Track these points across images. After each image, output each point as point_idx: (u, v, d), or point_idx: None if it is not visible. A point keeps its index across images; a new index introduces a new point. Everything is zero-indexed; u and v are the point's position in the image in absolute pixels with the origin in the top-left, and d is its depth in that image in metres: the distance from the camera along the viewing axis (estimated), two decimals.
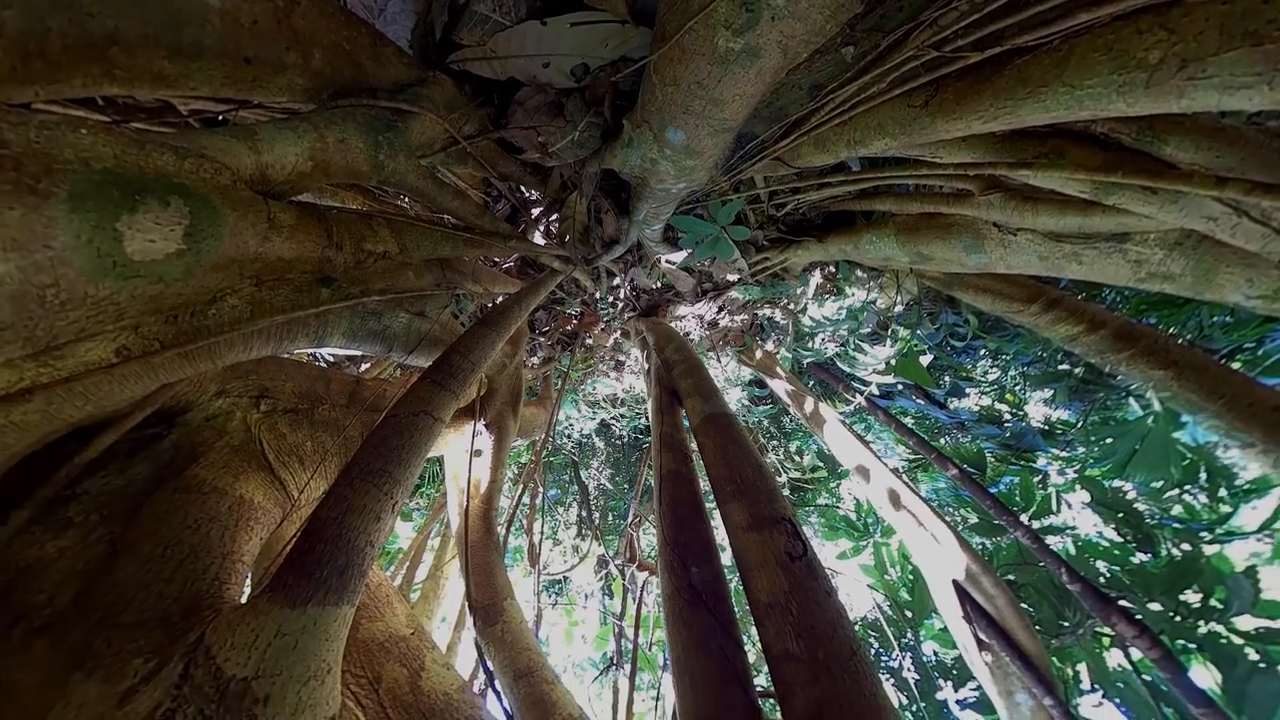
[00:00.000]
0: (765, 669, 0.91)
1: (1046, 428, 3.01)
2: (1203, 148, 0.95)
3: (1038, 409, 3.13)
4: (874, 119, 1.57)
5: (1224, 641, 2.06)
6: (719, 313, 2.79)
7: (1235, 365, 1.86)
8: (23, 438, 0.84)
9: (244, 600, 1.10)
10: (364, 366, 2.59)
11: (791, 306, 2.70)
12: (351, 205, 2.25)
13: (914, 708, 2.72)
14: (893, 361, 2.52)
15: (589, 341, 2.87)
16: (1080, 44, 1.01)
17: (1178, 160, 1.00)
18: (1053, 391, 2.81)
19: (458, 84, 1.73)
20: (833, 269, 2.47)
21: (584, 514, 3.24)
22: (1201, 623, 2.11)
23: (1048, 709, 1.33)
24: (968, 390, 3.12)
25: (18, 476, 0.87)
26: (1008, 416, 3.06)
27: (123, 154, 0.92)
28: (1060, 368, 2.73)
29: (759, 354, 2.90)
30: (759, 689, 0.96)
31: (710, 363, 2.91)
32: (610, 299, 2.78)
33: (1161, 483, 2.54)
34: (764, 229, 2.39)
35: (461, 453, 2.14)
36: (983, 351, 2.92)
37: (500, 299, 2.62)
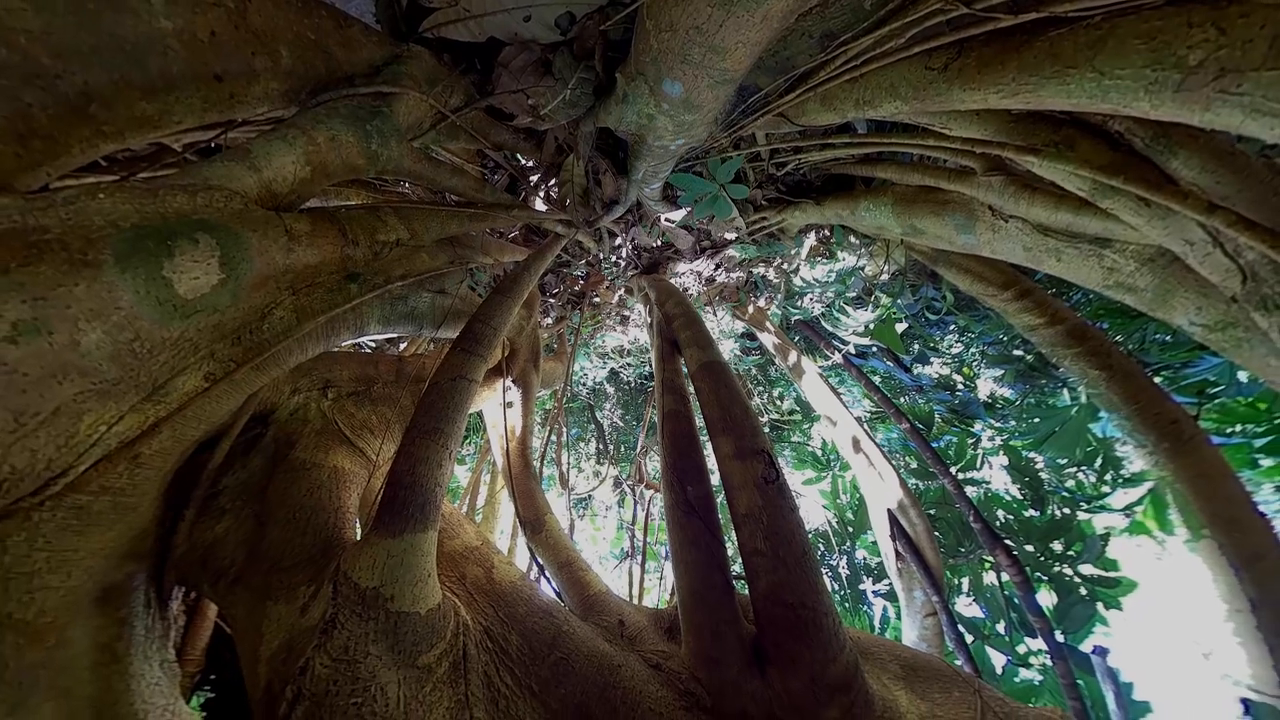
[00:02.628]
0: (739, 561, 1.13)
1: (989, 401, 3.21)
2: (1208, 169, 0.83)
3: (986, 384, 3.27)
4: (887, 78, 1.32)
5: (1067, 579, 2.60)
6: (716, 270, 2.68)
7: (1157, 379, 1.84)
8: (167, 460, 0.99)
9: (359, 538, 1.38)
10: (402, 346, 2.67)
11: (785, 266, 2.57)
12: (357, 201, 2.07)
13: (843, 593, 3.45)
14: (871, 326, 2.50)
15: (596, 300, 2.84)
16: (1123, 26, 0.81)
17: (1180, 176, 0.87)
18: (1003, 371, 2.96)
19: (435, 54, 1.45)
20: (827, 233, 2.28)
21: (601, 446, 3.67)
22: (1057, 564, 2.62)
23: (934, 603, 1.74)
24: (932, 359, 3.18)
25: (175, 487, 1.06)
26: (960, 386, 3.22)
27: (142, 207, 0.89)
28: (1015, 352, 2.77)
29: (752, 310, 2.87)
30: (735, 574, 1.24)
31: (707, 316, 2.90)
32: (613, 259, 2.67)
33: (1066, 460, 2.88)
34: (763, 188, 2.16)
35: (496, 405, 2.34)
36: (952, 327, 2.87)
37: (510, 268, 2.54)
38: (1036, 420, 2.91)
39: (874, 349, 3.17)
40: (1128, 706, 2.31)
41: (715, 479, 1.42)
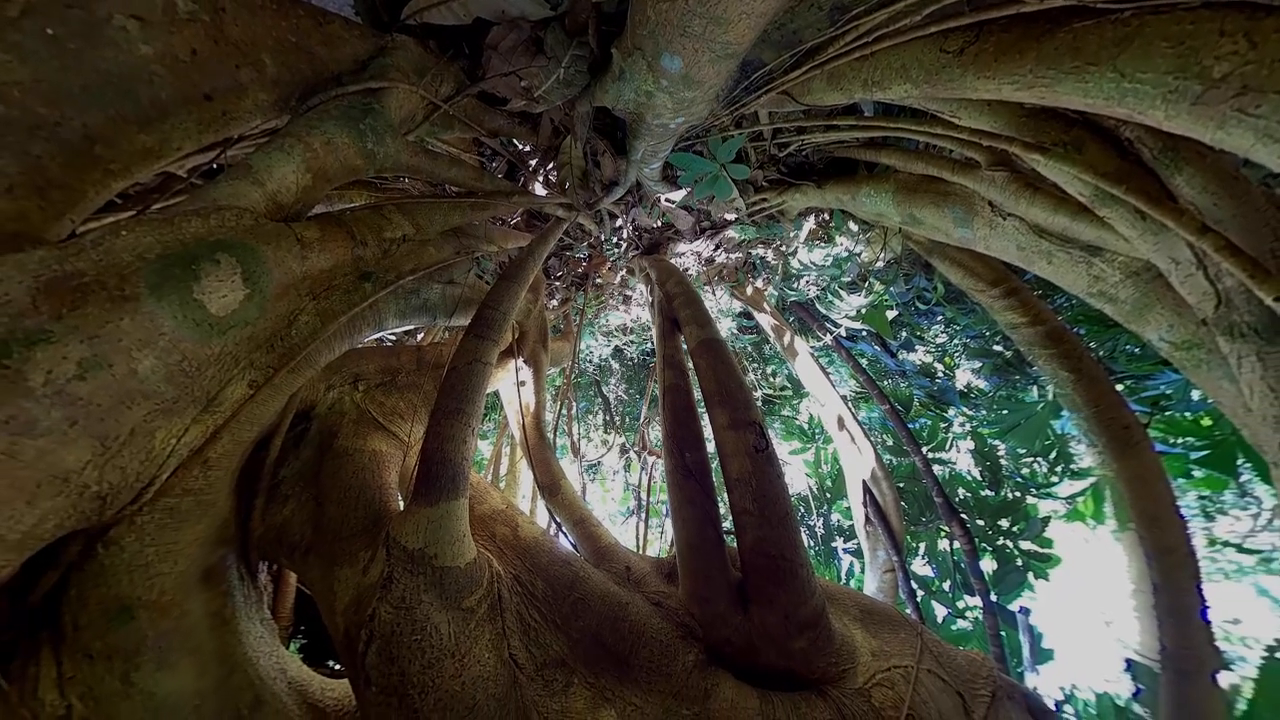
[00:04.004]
0: (730, 519, 1.24)
1: (965, 390, 3.29)
2: (1209, 190, 0.76)
3: (965, 375, 3.30)
4: (899, 59, 1.18)
5: (1008, 551, 2.95)
6: (716, 250, 2.58)
7: (1119, 387, 1.80)
8: (231, 460, 1.09)
9: (402, 509, 1.53)
10: (420, 336, 2.69)
11: (783, 249, 2.46)
12: (361, 202, 1.97)
13: (817, 549, 3.80)
14: (863, 311, 2.44)
15: (599, 281, 2.78)
16: (1152, 26, 0.71)
17: (1180, 194, 0.81)
18: (982, 364, 3.00)
19: (420, 42, 1.30)
20: (827, 216, 2.14)
21: (607, 418, 3.82)
22: (1001, 538, 2.93)
23: (893, 562, 1.92)
24: (917, 347, 3.15)
25: (243, 482, 1.17)
26: (940, 374, 3.24)
27: (162, 237, 0.89)
28: (994, 348, 2.73)
29: (750, 290, 2.79)
30: (725, 530, 1.38)
31: (706, 295, 2.84)
32: (614, 240, 2.57)
33: (1025, 450, 3.08)
34: (764, 169, 2.01)
35: (511, 384, 2.41)
36: (940, 318, 2.79)
37: (515, 254, 2.47)
38: (1005, 412, 3.07)
39: (864, 333, 3.15)
40: (1037, 654, 2.72)
41: (711, 447, 1.48)
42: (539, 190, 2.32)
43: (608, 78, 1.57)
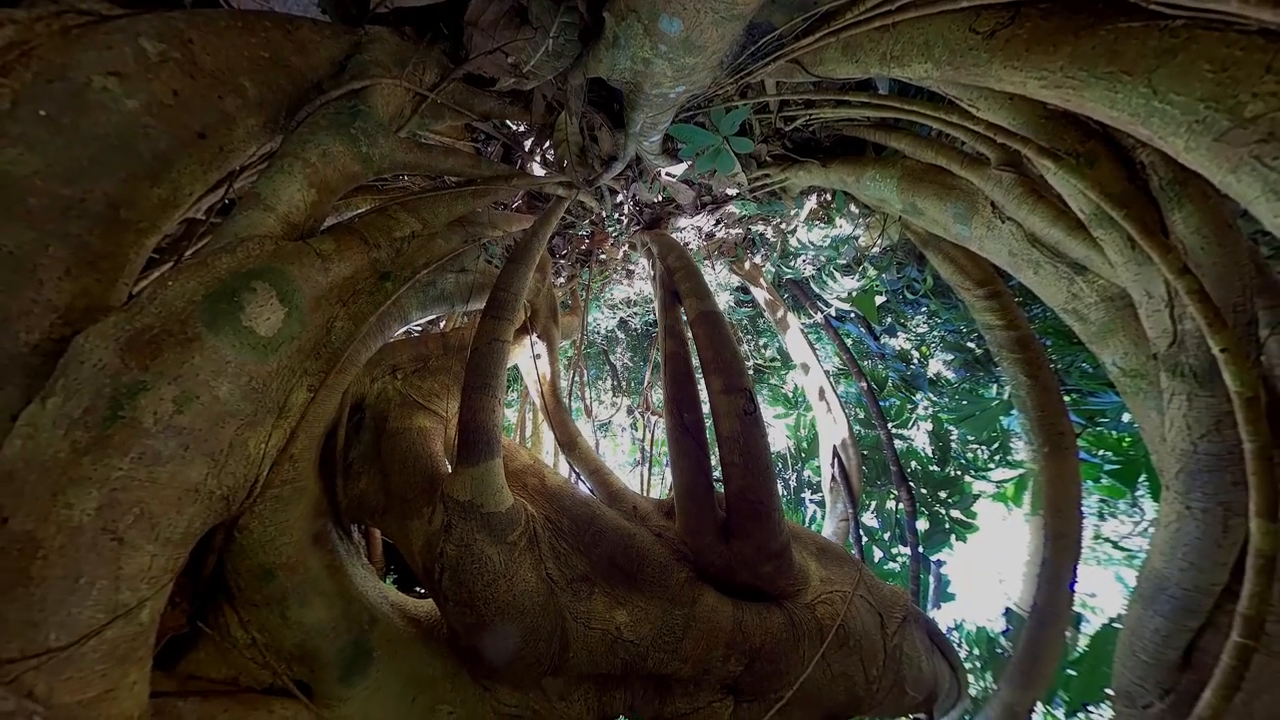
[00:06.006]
0: (719, 469, 1.37)
1: (934, 378, 3.40)
2: (1201, 234, 0.68)
3: (936, 365, 3.30)
4: (923, 33, 0.98)
5: (940, 516, 3.40)
6: (716, 225, 2.39)
7: (1066, 398, 1.72)
8: (310, 452, 1.24)
9: (450, 471, 1.74)
10: (442, 324, 2.69)
11: (783, 226, 2.25)
12: (367, 207, 1.81)
13: (789, 498, 4.20)
14: (854, 294, 2.29)
15: (602, 257, 2.65)
16: (1200, 42, 0.59)
17: (1174, 230, 0.72)
18: (954, 358, 2.91)
19: (395, 31, 1.10)
20: (829, 197, 1.91)
21: (615, 383, 3.95)
22: (938, 506, 3.38)
23: (848, 514, 2.16)
24: (899, 333, 3.04)
25: (323, 467, 1.35)
26: (915, 362, 3.25)
27: (202, 279, 0.92)
28: (968, 344, 2.57)
29: (748, 265, 2.63)
30: (715, 478, 1.48)
31: (705, 269, 2.70)
32: (616, 216, 2.39)
33: (973, 439, 3.41)
34: (768, 143, 1.76)
35: (527, 358, 2.50)
36: (924, 309, 2.59)
37: (519, 236, 2.33)
38: (964, 403, 3.31)
39: (852, 315, 3.06)
40: (942, 595, 3.37)
41: (706, 408, 1.63)
42: (537, 170, 2.11)
43: (601, 45, 1.34)
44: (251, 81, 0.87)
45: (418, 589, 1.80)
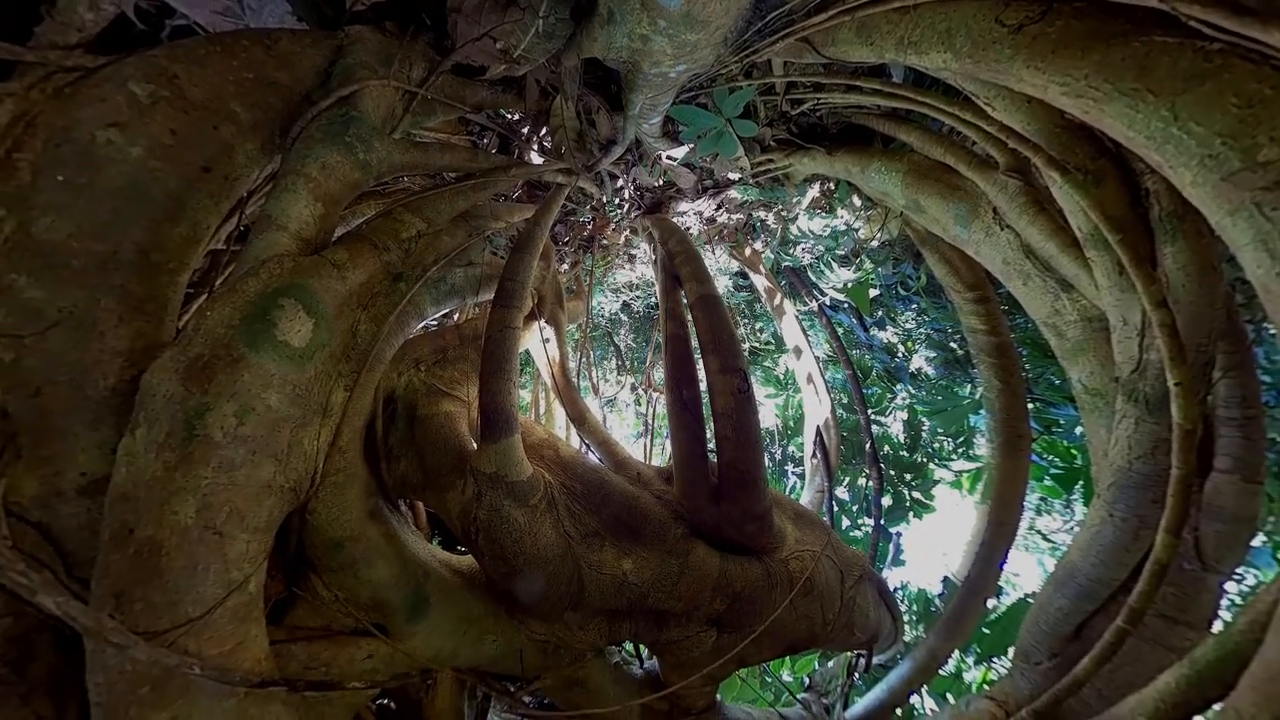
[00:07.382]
0: (714, 441, 1.46)
1: (915, 373, 3.46)
2: (1188, 273, 0.63)
3: (919, 360, 3.24)
4: (945, 19, 0.85)
5: (902, 495, 3.65)
6: (717, 210, 2.23)
7: (1030, 406, 1.63)
8: (355, 443, 1.36)
9: (476, 448, 1.89)
10: (456, 316, 2.66)
11: (784, 214, 2.08)
12: (372, 212, 1.71)
13: (773, 469, 4.42)
14: (849, 285, 2.16)
15: (604, 243, 2.53)
16: (1233, 71, 0.52)
17: (1162, 263, 0.67)
18: (936, 355, 2.77)
19: (376, 28, 0.97)
20: (832, 186, 1.73)
21: (619, 363, 3.99)
22: (903, 487, 3.62)
23: (824, 486, 2.29)
24: (888, 327, 2.88)
25: (368, 454, 1.48)
26: (900, 355, 3.15)
27: (235, 304, 0.95)
28: (951, 344, 2.41)
29: (748, 251, 2.48)
30: (710, 450, 1.59)
31: (706, 254, 2.58)
32: (617, 201, 2.24)
33: (943, 432, 3.57)
34: (773, 127, 1.59)
35: (537, 342, 2.54)
36: (915, 306, 2.40)
37: (522, 226, 2.22)
38: (939, 398, 3.45)
39: (845, 305, 2.95)
40: (895, 559, 3.80)
41: (703, 386, 1.69)
42: (535, 159, 1.95)
43: (595, 23, 1.18)
44: (242, 105, 0.81)
45: (459, 548, 2.05)
